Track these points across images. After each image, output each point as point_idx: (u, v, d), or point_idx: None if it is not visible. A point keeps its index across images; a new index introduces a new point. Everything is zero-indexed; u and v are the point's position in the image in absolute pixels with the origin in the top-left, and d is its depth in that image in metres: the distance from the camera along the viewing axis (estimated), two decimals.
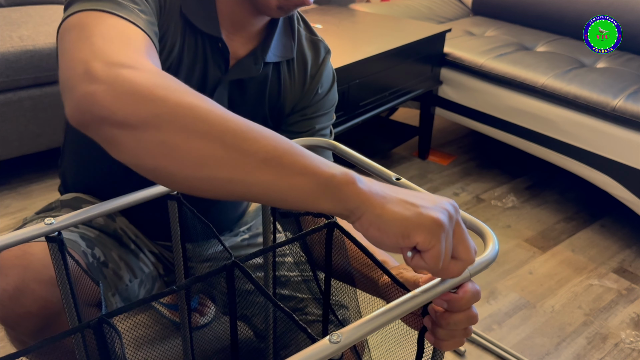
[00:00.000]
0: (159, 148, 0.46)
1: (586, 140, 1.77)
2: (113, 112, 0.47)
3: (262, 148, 0.46)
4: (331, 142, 0.80)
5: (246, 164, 0.46)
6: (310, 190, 0.46)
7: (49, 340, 0.49)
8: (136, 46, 0.55)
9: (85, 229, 0.89)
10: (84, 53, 0.51)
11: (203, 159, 0.46)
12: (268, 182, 0.46)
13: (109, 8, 0.59)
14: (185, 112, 0.46)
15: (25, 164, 1.97)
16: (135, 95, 0.47)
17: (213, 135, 0.46)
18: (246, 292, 0.79)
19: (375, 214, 0.46)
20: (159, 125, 0.46)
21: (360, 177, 0.47)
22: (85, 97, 0.48)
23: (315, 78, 0.92)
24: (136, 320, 0.69)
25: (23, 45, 1.72)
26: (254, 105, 0.90)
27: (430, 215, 0.46)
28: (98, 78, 0.48)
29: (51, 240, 0.62)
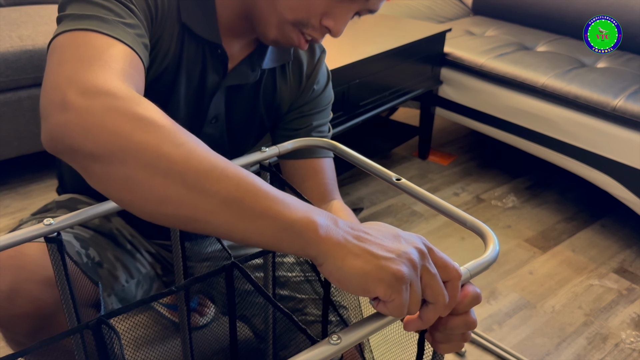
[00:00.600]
0: (124, 182, 0.47)
1: (586, 140, 1.77)
2: (83, 144, 0.47)
3: (224, 189, 0.45)
4: (331, 142, 0.80)
5: (206, 204, 0.45)
6: (270, 234, 0.46)
7: (48, 341, 0.49)
8: (115, 66, 0.55)
9: (80, 229, 0.89)
10: (60, 79, 0.52)
11: (165, 197, 0.46)
12: (229, 223, 0.46)
13: (94, 26, 0.59)
14: (150, 149, 0.46)
15: (24, 164, 1.97)
16: (104, 128, 0.47)
17: (175, 173, 0.46)
18: (245, 292, 0.79)
19: (335, 266, 0.45)
20: (124, 160, 0.46)
21: (324, 221, 0.46)
22: (58, 127, 0.49)
23: (311, 77, 0.92)
24: (136, 320, 0.69)
25: (22, 45, 1.72)
26: (249, 107, 0.90)
27: (391, 268, 0.45)
28: (70, 108, 0.48)
29: (50, 241, 0.62)
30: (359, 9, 0.76)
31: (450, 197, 2.03)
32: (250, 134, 0.94)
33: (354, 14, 0.77)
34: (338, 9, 0.74)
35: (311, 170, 0.92)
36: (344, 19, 0.75)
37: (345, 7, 0.74)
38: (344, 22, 0.75)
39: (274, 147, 0.77)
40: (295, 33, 0.76)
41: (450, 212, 0.63)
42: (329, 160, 0.95)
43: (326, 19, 0.74)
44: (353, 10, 0.75)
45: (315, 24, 0.75)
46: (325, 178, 0.93)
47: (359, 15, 0.79)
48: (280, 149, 0.78)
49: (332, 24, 0.75)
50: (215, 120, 0.87)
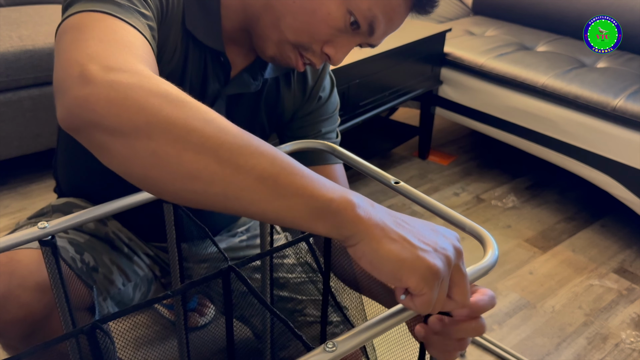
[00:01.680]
0: (150, 158, 0.44)
1: (586, 140, 1.77)
2: (105, 118, 0.45)
3: (259, 165, 0.44)
4: (330, 144, 0.80)
5: (240, 181, 0.44)
6: (305, 212, 0.44)
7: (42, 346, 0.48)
8: (134, 51, 0.53)
9: (75, 234, 0.88)
10: (80, 55, 0.49)
11: (196, 173, 0.44)
12: (262, 201, 0.44)
13: (109, 9, 0.57)
14: (180, 123, 0.44)
15: (25, 164, 1.97)
16: (130, 102, 0.45)
17: (207, 149, 0.44)
18: (244, 293, 0.79)
19: (370, 247, 0.44)
20: (152, 135, 0.44)
21: (361, 202, 0.45)
22: (77, 101, 0.46)
23: (317, 85, 0.92)
24: (135, 320, 0.69)
25: (23, 45, 1.72)
26: (251, 115, 0.89)
27: (427, 261, 0.44)
28: (92, 81, 0.46)
29: (45, 244, 0.62)
30: (361, 42, 0.76)
31: (450, 197, 2.03)
32: None
33: (355, 45, 0.77)
34: (341, 38, 0.74)
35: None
36: (345, 49, 0.75)
37: (348, 38, 0.74)
38: (344, 52, 0.76)
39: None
40: (294, 54, 0.76)
41: (449, 216, 0.63)
42: (340, 167, 0.94)
43: (328, 47, 0.74)
44: (355, 42, 0.76)
45: (316, 50, 0.75)
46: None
47: (360, 46, 0.79)
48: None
49: (333, 52, 0.75)
50: None
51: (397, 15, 0.73)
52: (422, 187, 2.09)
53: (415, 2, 0.73)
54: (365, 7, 0.70)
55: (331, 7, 0.70)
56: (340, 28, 0.72)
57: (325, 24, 0.71)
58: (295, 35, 0.73)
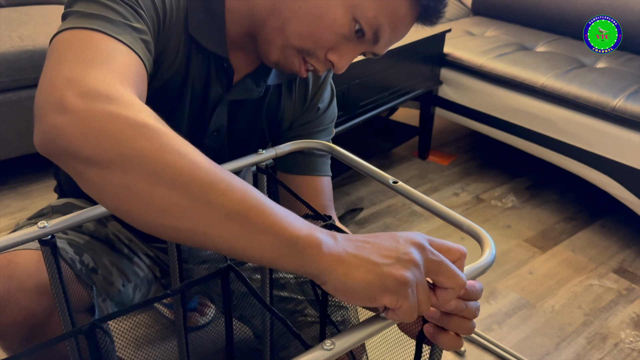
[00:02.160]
0: (123, 191, 0.44)
1: (586, 140, 1.77)
2: (80, 148, 0.45)
3: (229, 201, 0.44)
4: (328, 144, 0.80)
5: (210, 217, 0.44)
6: (272, 250, 0.45)
7: (41, 346, 0.48)
8: (120, 72, 0.53)
9: (75, 235, 0.88)
10: (60, 78, 0.49)
11: (166, 208, 0.44)
12: (231, 238, 0.45)
13: (101, 27, 0.57)
14: (152, 157, 0.44)
15: (25, 164, 1.97)
16: (104, 133, 0.45)
17: (179, 184, 0.44)
18: (245, 293, 0.79)
19: (339, 281, 0.45)
20: (125, 167, 0.44)
21: (325, 238, 0.46)
22: (53, 129, 0.46)
23: (317, 96, 0.92)
24: (136, 320, 0.69)
25: (23, 45, 1.72)
26: (252, 122, 0.89)
27: (393, 275, 0.45)
28: (69, 109, 0.46)
29: (44, 244, 0.62)
30: (365, 50, 0.76)
31: (450, 197, 2.03)
32: (250, 147, 0.94)
33: (359, 54, 0.77)
34: (345, 46, 0.74)
35: (312, 191, 0.92)
36: (349, 56, 0.75)
37: (352, 46, 0.74)
38: (348, 60, 0.76)
39: (270, 149, 0.77)
40: (298, 59, 0.76)
41: (446, 215, 0.63)
42: (327, 180, 0.95)
43: (332, 54, 0.74)
44: (359, 50, 0.76)
45: (320, 56, 0.75)
46: (324, 199, 0.93)
47: (364, 55, 0.79)
48: (277, 151, 0.78)
49: (336, 60, 0.75)
50: (217, 133, 0.87)
51: (402, 24, 0.73)
52: (422, 187, 2.09)
53: (421, 13, 0.73)
54: (370, 15, 0.70)
55: (337, 13, 0.70)
56: (345, 35, 0.72)
57: (331, 30, 0.71)
58: (300, 40, 0.73)
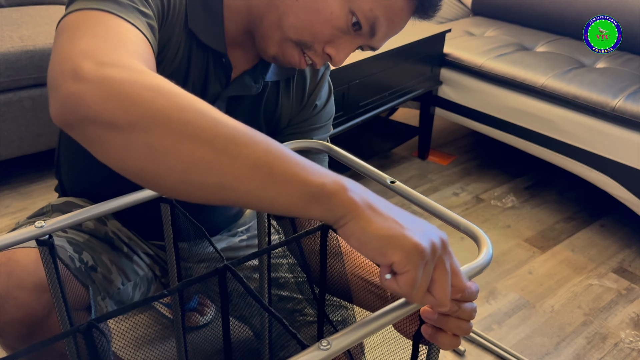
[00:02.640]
0: (146, 151, 0.44)
1: (586, 140, 1.77)
2: (99, 113, 0.45)
3: (253, 154, 0.45)
4: (326, 144, 0.80)
5: (236, 170, 0.45)
6: (299, 198, 0.45)
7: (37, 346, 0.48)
8: (130, 47, 0.54)
9: (74, 233, 0.88)
10: (75, 51, 0.49)
11: (192, 164, 0.44)
12: (258, 189, 0.45)
13: (109, 7, 0.58)
14: (175, 115, 0.44)
15: (25, 164, 1.97)
16: (124, 96, 0.45)
17: (203, 139, 0.44)
18: (243, 293, 0.79)
19: (359, 225, 0.46)
20: (147, 128, 0.44)
21: (353, 185, 0.47)
22: (71, 97, 0.46)
23: (314, 93, 0.92)
24: (136, 320, 0.69)
25: (23, 45, 1.73)
26: (249, 119, 0.89)
27: (413, 240, 0.45)
28: (86, 77, 0.46)
29: (42, 244, 0.62)
30: (362, 44, 0.77)
31: (449, 197, 2.03)
32: None
33: (357, 47, 0.78)
34: (342, 39, 0.74)
35: None
36: (346, 50, 0.76)
37: (350, 40, 0.75)
38: (346, 53, 0.76)
39: None
40: (297, 52, 0.76)
41: (444, 215, 0.64)
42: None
43: (329, 47, 0.75)
44: (357, 44, 0.76)
45: (318, 49, 0.75)
46: None
47: (362, 49, 0.79)
48: None
49: (334, 53, 0.75)
50: None
51: (398, 18, 0.74)
52: (421, 187, 2.09)
53: (417, 7, 0.74)
54: (367, 7, 0.71)
55: (334, 6, 0.71)
56: (342, 28, 0.73)
57: (328, 23, 0.72)
58: (298, 34, 0.73)
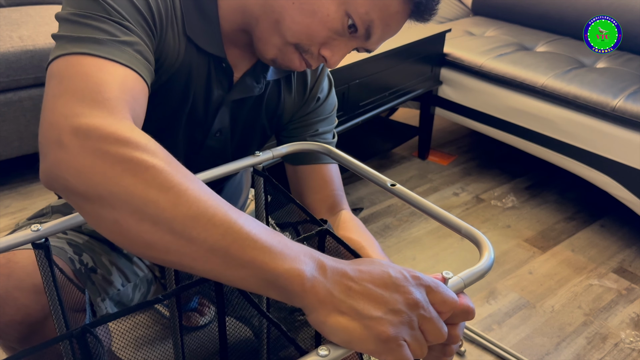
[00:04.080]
0: (113, 225, 0.47)
1: (586, 140, 1.77)
2: (74, 186, 0.48)
3: (211, 237, 0.45)
4: (326, 146, 0.80)
5: (193, 252, 0.46)
6: (255, 284, 0.46)
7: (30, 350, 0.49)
8: (112, 96, 0.55)
9: (74, 235, 0.88)
10: (56, 116, 0.52)
11: (152, 243, 0.47)
12: (214, 271, 0.46)
13: (89, 49, 0.58)
14: (138, 194, 0.46)
15: (25, 164, 1.97)
16: (95, 170, 0.48)
17: (162, 221, 0.46)
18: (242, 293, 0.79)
19: (319, 320, 0.45)
20: (114, 205, 0.47)
21: (309, 272, 0.45)
22: (53, 167, 0.50)
23: (315, 87, 0.92)
24: (136, 320, 0.69)
25: (23, 45, 1.72)
26: (252, 118, 0.90)
27: (375, 330, 0.44)
28: (65, 146, 0.49)
29: (38, 247, 0.62)
30: (357, 46, 0.77)
31: (449, 197, 2.03)
32: (252, 144, 0.94)
33: (352, 49, 0.78)
34: (338, 41, 0.74)
35: (320, 181, 0.92)
36: (341, 52, 0.76)
37: (345, 42, 0.75)
38: (341, 55, 0.76)
39: (267, 151, 0.77)
40: (297, 55, 0.76)
41: (444, 219, 0.63)
42: (334, 167, 0.94)
43: (324, 49, 0.75)
44: (352, 46, 0.76)
45: (313, 52, 0.75)
46: (334, 189, 0.93)
47: (358, 51, 0.79)
48: (274, 153, 0.78)
49: (329, 55, 0.75)
50: (219, 134, 0.87)
51: (394, 21, 0.74)
52: (421, 187, 2.09)
53: (413, 10, 0.73)
54: (362, 10, 0.71)
55: (330, 9, 0.71)
56: (337, 30, 0.73)
57: (324, 25, 0.72)
58: (295, 36, 0.73)
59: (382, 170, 2.17)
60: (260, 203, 0.81)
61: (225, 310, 0.65)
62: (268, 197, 0.81)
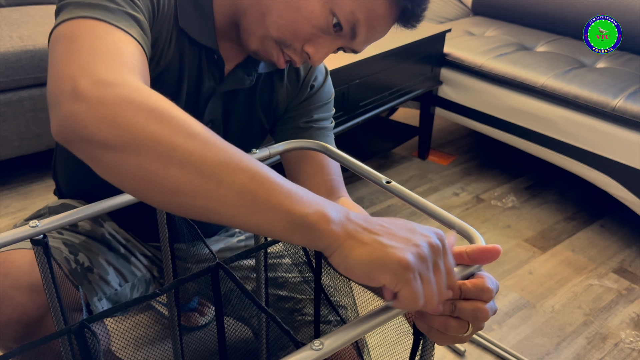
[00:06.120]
0: (137, 172, 0.47)
1: (586, 140, 1.77)
2: (95, 134, 0.47)
3: (239, 180, 0.46)
4: (322, 144, 0.80)
5: (221, 195, 0.46)
6: (282, 226, 0.46)
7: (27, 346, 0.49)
8: (124, 59, 0.55)
9: (70, 235, 0.88)
10: (72, 69, 0.51)
11: (179, 187, 0.46)
12: (242, 215, 0.46)
13: (100, 15, 0.58)
14: (165, 139, 0.46)
15: (25, 164, 1.97)
16: (118, 118, 0.47)
17: (191, 164, 0.46)
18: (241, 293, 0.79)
19: (342, 256, 0.46)
20: (138, 150, 0.46)
21: (336, 214, 0.46)
22: (69, 116, 0.48)
23: (309, 74, 0.92)
24: (136, 320, 0.69)
25: (23, 45, 1.73)
26: (247, 111, 0.90)
27: (395, 256, 0.45)
28: (83, 98, 0.48)
29: (36, 243, 0.62)
30: (342, 45, 0.77)
31: (450, 197, 2.03)
32: (249, 138, 0.94)
33: (337, 49, 0.78)
34: (322, 39, 0.75)
35: (316, 165, 0.91)
36: (325, 50, 0.76)
37: (330, 40, 0.75)
38: (324, 53, 0.76)
39: (264, 149, 0.77)
40: (276, 50, 0.76)
41: (438, 215, 0.63)
42: (335, 163, 0.93)
43: (308, 46, 0.75)
44: (337, 45, 0.76)
45: (297, 48, 0.76)
46: (331, 174, 0.92)
47: (344, 51, 0.79)
48: (270, 151, 0.78)
49: (312, 52, 0.75)
50: (211, 125, 0.87)
51: (380, 23, 0.74)
52: (421, 187, 2.09)
53: (400, 15, 0.74)
54: (347, 9, 0.71)
55: (315, 6, 0.71)
56: (322, 28, 0.73)
57: (309, 22, 0.72)
58: (279, 32, 0.74)
59: (382, 170, 2.17)
60: None
61: (223, 309, 0.65)
62: None
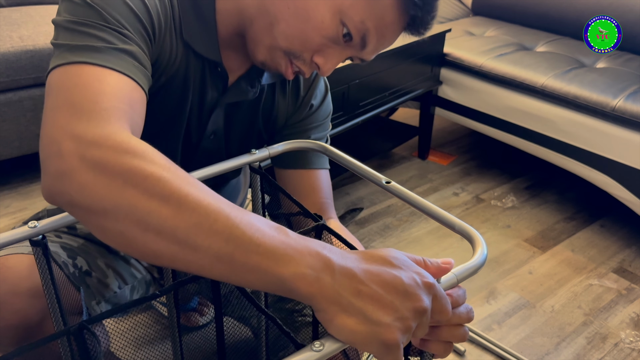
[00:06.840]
0: (120, 238, 0.48)
1: (586, 140, 1.77)
2: (78, 200, 0.49)
3: (214, 244, 0.46)
4: (322, 144, 0.80)
5: (199, 260, 0.46)
6: (263, 287, 0.46)
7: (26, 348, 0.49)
8: (110, 106, 0.55)
9: (69, 238, 0.88)
10: (56, 129, 0.52)
11: (159, 253, 0.47)
12: (222, 276, 0.47)
13: (88, 58, 0.59)
14: (140, 205, 0.47)
15: (25, 164, 1.97)
16: (97, 185, 0.48)
17: (165, 231, 0.46)
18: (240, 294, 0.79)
19: (325, 320, 0.45)
20: (117, 217, 0.47)
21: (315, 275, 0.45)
22: (55, 183, 0.50)
23: (309, 92, 0.92)
24: (136, 320, 0.69)
25: (23, 45, 1.72)
26: (248, 122, 0.90)
27: (382, 338, 0.44)
28: (66, 161, 0.50)
29: (35, 244, 0.62)
30: (352, 55, 0.76)
31: (449, 197, 2.03)
32: (248, 146, 0.94)
33: (346, 58, 0.77)
34: (332, 49, 0.74)
35: (308, 187, 0.91)
36: (335, 60, 0.75)
37: (339, 50, 0.74)
38: (334, 63, 0.76)
39: (264, 149, 0.77)
40: (285, 61, 0.76)
41: (438, 216, 0.63)
42: (325, 173, 0.94)
43: (318, 56, 0.74)
44: (346, 55, 0.76)
45: (306, 58, 0.75)
46: (322, 197, 0.92)
47: (352, 60, 0.79)
48: (270, 151, 0.78)
49: (322, 62, 0.75)
50: (214, 136, 0.87)
51: (389, 31, 0.73)
52: (421, 187, 2.09)
53: (409, 22, 0.73)
54: (358, 19, 0.70)
55: (325, 16, 0.70)
56: (332, 38, 0.72)
57: (318, 32, 0.71)
58: (288, 42, 0.73)
59: (382, 170, 2.17)
60: (257, 200, 0.81)
61: (222, 309, 0.65)
62: (265, 196, 0.81)
